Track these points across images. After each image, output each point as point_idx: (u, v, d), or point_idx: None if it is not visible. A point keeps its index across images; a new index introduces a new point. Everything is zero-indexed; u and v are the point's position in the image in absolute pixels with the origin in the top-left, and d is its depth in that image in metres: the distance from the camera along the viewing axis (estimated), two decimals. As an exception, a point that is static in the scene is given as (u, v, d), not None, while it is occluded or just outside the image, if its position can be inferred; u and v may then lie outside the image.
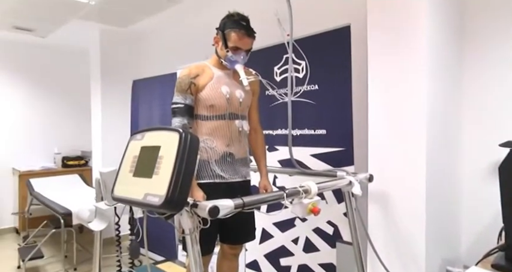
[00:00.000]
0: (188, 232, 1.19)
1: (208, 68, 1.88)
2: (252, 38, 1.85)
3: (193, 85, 1.78)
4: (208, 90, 1.80)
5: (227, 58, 1.83)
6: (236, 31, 1.79)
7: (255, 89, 2.02)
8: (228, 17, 1.85)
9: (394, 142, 1.77)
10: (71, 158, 5.07)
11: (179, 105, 1.77)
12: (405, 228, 1.73)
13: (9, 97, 5.00)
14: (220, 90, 1.83)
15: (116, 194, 1.26)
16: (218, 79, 1.85)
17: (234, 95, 1.88)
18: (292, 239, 2.54)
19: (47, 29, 4.14)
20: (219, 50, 1.87)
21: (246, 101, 1.95)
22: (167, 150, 1.14)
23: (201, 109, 1.82)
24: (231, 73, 1.92)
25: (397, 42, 1.75)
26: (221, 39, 1.83)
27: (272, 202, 1.39)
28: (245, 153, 1.97)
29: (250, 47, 1.87)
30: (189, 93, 1.78)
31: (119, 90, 4.32)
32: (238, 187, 1.88)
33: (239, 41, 1.80)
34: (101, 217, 1.51)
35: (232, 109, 1.87)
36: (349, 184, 1.68)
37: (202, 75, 1.82)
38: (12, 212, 4.82)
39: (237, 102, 1.88)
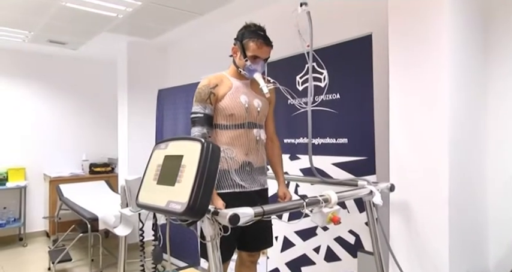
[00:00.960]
0: (209, 238, 1.22)
1: (227, 78, 1.93)
2: (270, 47, 1.89)
3: (212, 95, 1.82)
4: (228, 100, 1.84)
5: (246, 67, 1.86)
6: (254, 40, 1.83)
7: (271, 98, 2.06)
8: (245, 27, 1.90)
9: (415, 152, 1.76)
10: (98, 165, 5.21)
11: (199, 114, 1.81)
12: (428, 239, 1.71)
13: (41, 107, 5.21)
14: (239, 100, 1.86)
15: (140, 201, 1.31)
16: (237, 89, 1.89)
17: (252, 104, 1.91)
18: (313, 248, 2.53)
19: (79, 42, 4.33)
20: (238, 60, 1.91)
21: (264, 110, 1.98)
22: (189, 159, 1.18)
23: (220, 118, 1.86)
24: (248, 83, 1.96)
25: (419, 51, 1.75)
26: (239, 49, 1.88)
27: (292, 211, 1.40)
28: (263, 162, 2.00)
29: (268, 56, 1.91)
30: (208, 103, 1.82)
31: (144, 99, 4.45)
32: (256, 195, 1.91)
33: (258, 49, 1.84)
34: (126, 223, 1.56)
35: (251, 119, 1.90)
36: (369, 193, 1.67)
37: (221, 85, 1.87)
38: (43, 216, 5.01)
39: (255, 111, 1.92)
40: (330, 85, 2.41)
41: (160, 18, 3.55)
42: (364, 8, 2.51)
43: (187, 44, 4.38)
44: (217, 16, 3.51)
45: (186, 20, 3.61)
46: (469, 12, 1.81)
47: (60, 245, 4.17)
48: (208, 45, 4.04)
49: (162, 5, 3.17)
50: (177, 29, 3.87)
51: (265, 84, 1.82)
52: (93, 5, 3.16)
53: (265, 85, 1.82)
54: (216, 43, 3.88)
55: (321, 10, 1.85)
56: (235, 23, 2.02)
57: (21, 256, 4.39)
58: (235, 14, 3.41)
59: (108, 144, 5.43)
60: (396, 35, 1.85)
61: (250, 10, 3.26)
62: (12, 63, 4.97)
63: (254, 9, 3.23)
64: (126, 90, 4.47)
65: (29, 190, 4.96)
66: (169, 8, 3.25)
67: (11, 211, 4.80)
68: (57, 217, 4.44)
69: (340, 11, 2.68)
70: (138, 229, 1.68)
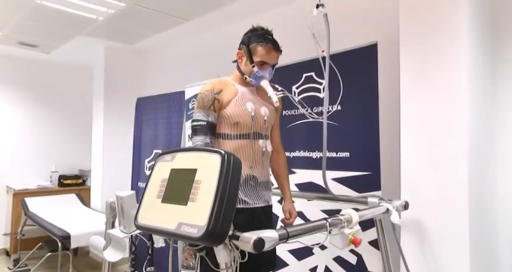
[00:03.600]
0: (224, 266, 1.04)
1: (231, 83, 1.78)
2: (279, 52, 1.76)
3: (217, 102, 1.66)
4: (233, 107, 1.69)
5: (252, 74, 1.72)
6: (263, 45, 1.70)
7: (279, 106, 1.92)
8: (251, 31, 1.77)
9: (430, 167, 1.66)
10: (68, 177, 4.86)
11: (201, 122, 1.64)
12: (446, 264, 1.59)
13: (7, 112, 4.84)
14: (245, 107, 1.71)
15: (140, 222, 1.11)
16: (243, 96, 1.74)
17: (259, 113, 1.77)
18: (310, 268, 2.38)
19: (52, 45, 4.06)
20: (243, 66, 1.77)
21: (271, 119, 1.84)
22: (206, 174, 1.00)
23: (224, 127, 1.70)
24: (254, 89, 1.82)
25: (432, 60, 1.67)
26: (246, 54, 1.73)
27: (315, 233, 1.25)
28: (267, 176, 1.84)
29: (276, 62, 1.78)
30: (212, 110, 1.66)
31: (122, 108, 4.21)
32: (261, 212, 1.75)
33: (266, 54, 1.70)
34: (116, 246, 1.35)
35: (257, 128, 1.75)
36: (386, 212, 1.55)
37: (225, 90, 1.72)
38: (3, 233, 4.57)
39: (262, 120, 1.77)
40: (331, 96, 2.30)
41: (143, 22, 3.36)
42: (369, 16, 2.43)
43: (169, 51, 4.19)
44: (203, 23, 3.35)
45: (171, 26, 3.44)
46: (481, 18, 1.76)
47: (23, 265, 3.80)
48: (192, 53, 3.88)
49: (148, 8, 2.99)
50: (160, 34, 3.69)
51: (274, 92, 1.69)
52: (72, 4, 2.93)
53: (274, 94, 1.68)
54: (200, 50, 3.72)
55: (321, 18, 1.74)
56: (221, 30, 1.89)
57: (-24, 279, 3.99)
58: (222, 21, 3.27)
59: (79, 155, 5.08)
60: (408, 43, 1.77)
61: (238, 17, 3.13)
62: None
63: (243, 17, 3.09)
64: (102, 98, 4.22)
65: (-12, 204, 4.54)
66: (154, 11, 3.08)
67: (-35, 228, 4.37)
68: (21, 233, 4.06)
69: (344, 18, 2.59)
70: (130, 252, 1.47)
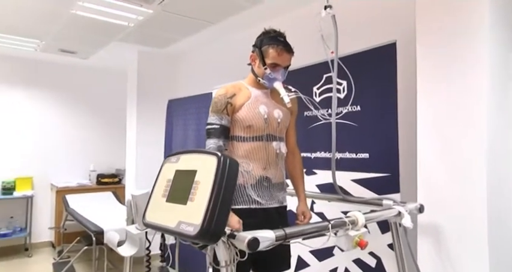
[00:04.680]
0: (224, 264, 1.08)
1: (245, 87, 1.81)
2: (291, 54, 1.77)
3: (229, 105, 1.71)
4: (246, 110, 1.73)
5: (265, 76, 1.75)
6: (274, 47, 1.72)
7: (294, 108, 1.93)
8: (264, 33, 1.79)
9: (447, 169, 1.61)
10: (106, 176, 5.12)
11: (215, 126, 1.68)
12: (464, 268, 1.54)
13: (51, 116, 5.17)
14: (258, 110, 1.74)
15: (147, 220, 1.18)
16: (256, 99, 1.77)
17: (272, 115, 1.79)
18: (330, 269, 2.37)
19: (89, 51, 4.29)
20: (256, 68, 1.80)
21: (285, 121, 1.86)
22: (204, 175, 1.05)
23: (238, 130, 1.74)
24: (268, 92, 1.85)
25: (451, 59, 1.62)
26: (258, 57, 1.76)
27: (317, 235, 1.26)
28: (282, 177, 1.86)
29: (289, 63, 1.79)
30: (225, 114, 1.70)
31: (154, 110, 4.37)
32: (274, 213, 1.77)
33: (278, 57, 1.72)
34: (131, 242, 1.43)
35: (270, 131, 1.77)
36: (397, 215, 1.52)
37: (239, 94, 1.75)
38: (49, 227, 4.91)
39: (275, 123, 1.79)
40: (350, 96, 2.28)
41: (171, 27, 3.48)
42: (387, 15, 2.39)
43: (199, 54, 4.30)
44: (229, 25, 3.42)
45: (198, 29, 3.53)
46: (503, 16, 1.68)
47: (65, 257, 4.06)
48: (220, 55, 3.96)
49: (174, 13, 3.09)
50: (190, 37, 3.80)
51: (286, 94, 1.70)
52: (104, 13, 3.09)
53: (286, 95, 1.70)
54: (227, 52, 3.79)
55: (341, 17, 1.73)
56: (248, 32, 1.92)
57: (26, 267, 4.29)
58: (248, 23, 3.33)
59: (116, 155, 5.34)
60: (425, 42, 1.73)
61: (262, 19, 3.16)
62: (23, 72, 4.95)
63: (267, 18, 3.13)
64: (135, 100, 4.40)
65: (36, 199, 4.87)
66: (180, 16, 3.18)
67: (17, 221, 4.71)
68: (63, 228, 4.34)
69: (362, 17, 2.57)
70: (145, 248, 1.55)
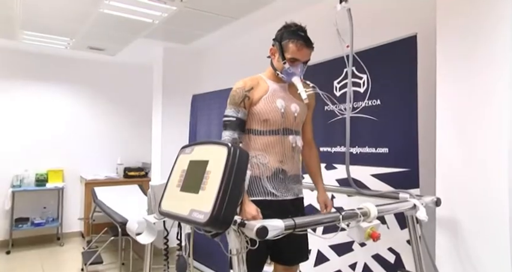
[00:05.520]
0: (235, 252, 1.11)
1: (263, 80, 1.83)
2: (311, 49, 1.76)
3: (247, 99, 1.73)
4: (263, 104, 1.74)
5: (284, 70, 1.75)
6: (294, 41, 1.71)
7: (311, 103, 1.93)
8: (285, 27, 1.79)
9: (466, 163, 1.58)
10: (132, 169, 5.27)
11: (231, 118, 1.71)
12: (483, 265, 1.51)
13: (80, 111, 5.38)
14: (275, 104, 1.76)
15: (163, 208, 1.23)
16: (273, 93, 1.79)
17: (289, 109, 1.80)
18: (349, 264, 2.37)
19: (116, 48, 4.42)
20: (276, 62, 1.80)
21: (301, 116, 1.86)
22: (215, 165, 1.08)
23: (255, 123, 1.76)
24: (286, 86, 1.85)
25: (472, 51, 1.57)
26: (278, 51, 1.76)
27: (327, 225, 1.27)
28: (298, 170, 1.87)
29: (308, 58, 1.79)
30: (242, 107, 1.72)
31: (178, 104, 4.45)
32: (290, 205, 1.79)
33: (297, 51, 1.72)
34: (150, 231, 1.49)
35: (287, 125, 1.79)
36: (413, 207, 1.51)
37: (257, 88, 1.77)
38: (78, 218, 5.12)
39: (292, 117, 1.80)
40: (370, 90, 2.26)
41: (194, 23, 3.53)
42: (408, 7, 2.34)
43: (222, 49, 4.35)
44: (252, 20, 3.45)
45: (221, 25, 3.57)
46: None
47: (94, 246, 4.22)
48: (243, 50, 3.99)
49: (197, 9, 3.15)
50: (213, 33, 3.85)
51: (303, 89, 1.70)
52: (129, 11, 3.19)
53: (303, 90, 1.69)
54: (251, 47, 3.81)
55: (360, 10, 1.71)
56: (270, 27, 1.93)
57: (58, 256, 4.52)
58: (271, 18, 3.33)
59: (142, 149, 5.49)
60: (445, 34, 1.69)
61: (285, 13, 3.16)
62: (55, 68, 5.16)
63: (290, 12, 3.13)
64: (160, 95, 4.49)
65: (66, 191, 5.09)
66: (203, 12, 3.23)
67: (50, 211, 4.95)
68: (92, 219, 4.51)
69: (382, 10, 2.53)
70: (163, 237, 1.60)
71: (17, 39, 4.09)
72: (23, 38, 4.07)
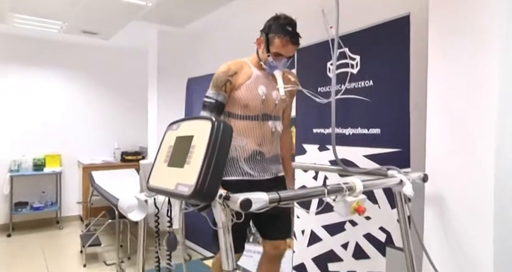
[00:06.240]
0: (221, 225, 1.13)
1: (248, 66, 1.84)
2: (296, 45, 1.77)
3: (229, 83, 1.74)
4: (244, 90, 1.76)
5: (267, 62, 1.77)
6: (281, 37, 1.72)
7: (293, 92, 1.97)
8: (274, 19, 1.78)
9: (455, 141, 1.59)
10: (130, 153, 5.29)
11: (211, 100, 1.74)
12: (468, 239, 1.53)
13: (76, 96, 5.37)
14: (257, 91, 1.78)
15: (151, 184, 1.25)
16: (256, 79, 1.80)
17: (270, 96, 1.82)
18: (341, 244, 2.41)
19: (110, 32, 4.37)
20: (260, 52, 1.81)
21: (282, 103, 1.89)
22: (199, 139, 1.10)
23: (235, 107, 1.78)
24: (269, 73, 1.85)
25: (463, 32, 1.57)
26: (264, 42, 1.77)
27: (311, 198, 1.29)
28: (276, 151, 1.91)
29: (292, 54, 1.80)
30: (223, 90, 1.74)
31: (174, 88, 4.44)
32: (267, 184, 1.81)
33: (282, 47, 1.73)
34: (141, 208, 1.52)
35: (266, 111, 1.82)
36: (399, 183, 1.52)
37: (240, 73, 1.78)
38: (76, 201, 5.18)
39: (273, 104, 1.83)
40: (363, 71, 2.26)
41: (189, 4, 3.50)
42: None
43: (218, 32, 4.31)
44: (248, 2, 3.41)
45: (216, 6, 3.54)
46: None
47: (92, 229, 4.28)
48: (239, 33, 3.95)
49: (191, -10, 3.12)
50: (208, 16, 3.81)
51: (282, 85, 1.72)
52: (123, -8, 3.16)
53: (282, 86, 1.71)
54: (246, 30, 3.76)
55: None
56: (267, 9, 1.92)
57: (57, 238, 4.59)
58: (267, 2, 3.29)
59: (139, 133, 5.49)
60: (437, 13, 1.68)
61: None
62: (48, 53, 5.14)
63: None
64: (155, 79, 4.48)
65: (64, 176, 5.14)
66: (198, -7, 3.20)
67: (48, 196, 5.01)
68: (90, 202, 4.55)
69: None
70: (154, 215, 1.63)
71: (8, 22, 4.04)
72: (14, 22, 4.02)
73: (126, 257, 3.81)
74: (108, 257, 3.86)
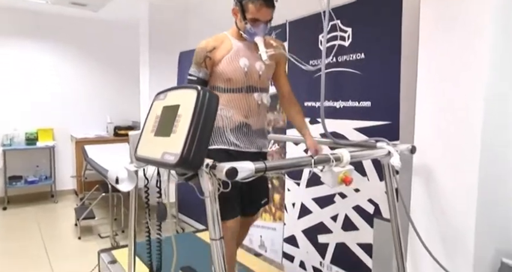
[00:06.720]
0: (208, 194, 1.14)
1: (228, 39, 1.81)
2: (272, 8, 1.74)
3: (208, 59, 1.73)
4: (225, 64, 1.74)
5: (246, 30, 1.74)
6: (254, 2, 1.68)
7: (280, 59, 1.93)
8: None
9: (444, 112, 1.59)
10: (122, 128, 5.28)
11: (193, 77, 1.75)
12: (452, 209, 1.57)
13: (67, 69, 5.30)
14: (238, 64, 1.76)
15: (138, 154, 1.25)
16: (237, 52, 1.78)
17: (253, 68, 1.80)
18: (331, 216, 2.45)
19: (99, 3, 4.26)
20: (238, 22, 1.79)
21: (266, 74, 1.87)
22: (185, 108, 1.10)
23: (218, 81, 1.78)
24: (251, 44, 1.82)
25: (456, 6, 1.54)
26: (239, 11, 1.74)
27: (298, 168, 1.31)
28: (263, 124, 1.91)
29: (270, 18, 1.76)
30: (203, 67, 1.73)
31: (166, 62, 4.37)
32: (252, 158, 1.80)
33: (257, 12, 1.69)
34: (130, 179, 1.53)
35: (250, 82, 1.80)
36: (387, 154, 1.53)
37: (219, 47, 1.76)
38: (70, 175, 5.20)
39: (256, 75, 1.81)
40: (355, 44, 2.23)
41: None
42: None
43: (210, 5, 4.22)
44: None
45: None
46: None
47: (87, 203, 4.32)
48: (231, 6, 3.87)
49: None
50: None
51: (264, 50, 1.69)
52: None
53: (264, 51, 1.69)
54: (239, 3, 3.70)
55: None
56: None
57: (52, 212, 4.65)
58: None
59: (132, 107, 5.45)
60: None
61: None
62: (36, 25, 5.02)
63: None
64: (147, 53, 4.41)
65: (57, 150, 5.14)
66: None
67: (42, 170, 5.02)
68: (83, 176, 4.57)
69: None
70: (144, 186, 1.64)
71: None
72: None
73: (120, 230, 3.87)
74: (103, 230, 3.92)
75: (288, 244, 2.79)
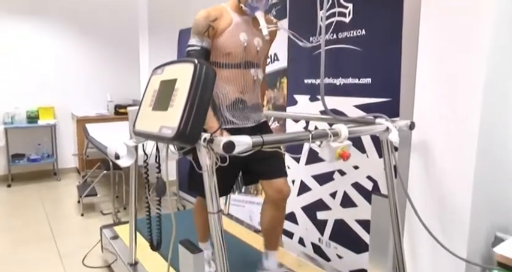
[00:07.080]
0: (205, 168, 1.15)
1: (227, 12, 1.77)
2: None
3: (211, 29, 1.67)
4: (226, 37, 1.71)
5: (248, 3, 1.69)
6: None
7: (272, 38, 1.92)
8: None
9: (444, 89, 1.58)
10: (123, 106, 5.27)
11: (195, 47, 1.68)
12: (450, 184, 1.58)
13: (67, 47, 5.25)
14: (238, 38, 1.73)
15: (136, 128, 1.25)
16: (237, 26, 1.74)
17: (252, 43, 1.77)
18: (330, 193, 2.48)
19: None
20: None
21: (264, 50, 1.86)
22: (182, 82, 1.09)
23: (217, 56, 1.74)
24: (250, 19, 1.79)
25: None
26: None
27: (296, 143, 1.31)
28: (257, 99, 1.90)
29: None
30: (206, 36, 1.68)
31: (166, 40, 4.32)
32: (250, 132, 1.79)
33: None
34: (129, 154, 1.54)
35: (248, 58, 1.78)
36: (386, 130, 1.53)
37: (221, 19, 1.71)
38: (72, 154, 5.24)
39: (254, 51, 1.79)
40: (355, 20, 2.20)
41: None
42: None
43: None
44: None
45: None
46: None
47: (89, 181, 4.36)
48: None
49: None
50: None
51: (265, 25, 1.66)
52: None
53: (265, 26, 1.66)
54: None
55: None
56: None
57: (56, 189, 4.71)
58: None
59: (132, 86, 5.42)
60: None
61: None
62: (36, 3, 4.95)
63: None
64: (147, 31, 4.35)
65: (59, 128, 5.15)
66: None
67: (44, 148, 5.05)
68: (85, 154, 4.60)
69: None
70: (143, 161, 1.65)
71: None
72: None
73: (121, 207, 3.92)
74: (105, 207, 3.98)
75: (287, 221, 2.82)
